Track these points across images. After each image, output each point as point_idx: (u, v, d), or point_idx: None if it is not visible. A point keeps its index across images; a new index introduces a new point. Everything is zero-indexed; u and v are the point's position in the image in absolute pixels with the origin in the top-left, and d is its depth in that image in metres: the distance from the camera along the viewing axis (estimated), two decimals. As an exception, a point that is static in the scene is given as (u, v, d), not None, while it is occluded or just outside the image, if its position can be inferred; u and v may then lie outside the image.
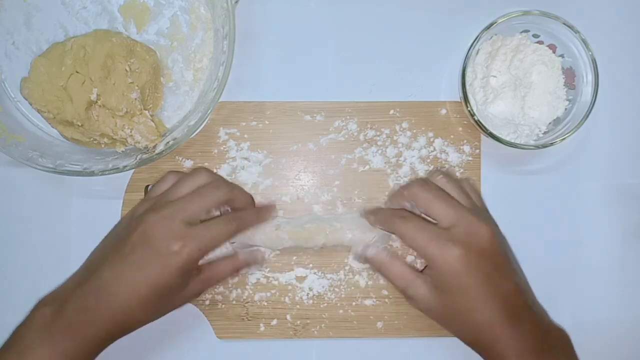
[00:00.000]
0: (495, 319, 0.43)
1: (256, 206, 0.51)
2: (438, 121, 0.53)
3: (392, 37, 0.53)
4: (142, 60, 0.49)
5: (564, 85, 0.50)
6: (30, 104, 0.49)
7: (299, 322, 0.52)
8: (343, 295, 0.52)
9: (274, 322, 0.52)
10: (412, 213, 0.47)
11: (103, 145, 0.50)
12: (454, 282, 0.43)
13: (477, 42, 0.48)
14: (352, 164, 0.53)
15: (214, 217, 0.47)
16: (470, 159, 0.53)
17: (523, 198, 0.53)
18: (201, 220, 0.46)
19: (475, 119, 0.48)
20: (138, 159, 0.48)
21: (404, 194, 0.48)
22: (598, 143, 0.54)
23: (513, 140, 0.49)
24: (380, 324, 0.52)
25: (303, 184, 0.53)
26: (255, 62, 0.53)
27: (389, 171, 0.52)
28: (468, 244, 0.43)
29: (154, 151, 0.49)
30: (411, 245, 0.45)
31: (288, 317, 0.52)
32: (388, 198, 0.51)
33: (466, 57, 0.49)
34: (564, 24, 0.48)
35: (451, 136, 0.53)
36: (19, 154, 0.47)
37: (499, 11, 0.49)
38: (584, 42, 0.48)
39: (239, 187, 0.51)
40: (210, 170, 0.50)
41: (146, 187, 0.52)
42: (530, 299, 0.47)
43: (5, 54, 0.51)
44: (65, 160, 0.49)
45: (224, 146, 0.52)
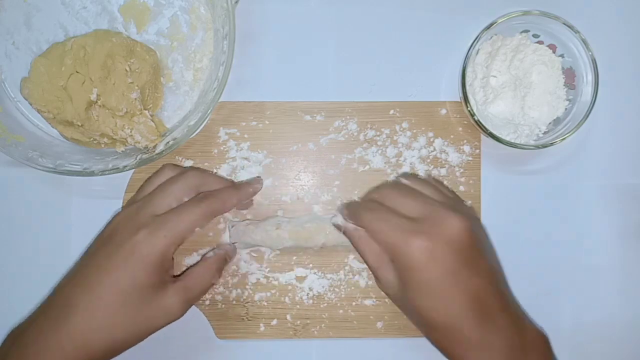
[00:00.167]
0: (456, 320, 0.40)
1: (232, 184, 0.49)
2: (438, 121, 0.53)
3: (392, 37, 0.53)
4: (142, 60, 0.49)
5: (564, 85, 0.50)
6: (30, 104, 0.48)
7: (299, 322, 0.52)
8: (343, 295, 0.52)
9: (274, 322, 0.52)
10: (382, 205, 0.44)
11: (103, 145, 0.50)
12: (414, 276, 0.40)
13: (477, 42, 0.48)
14: (352, 164, 0.53)
15: (183, 204, 0.44)
16: (470, 159, 0.53)
17: (523, 198, 0.53)
18: None
19: (475, 119, 0.48)
20: (138, 159, 0.48)
21: (375, 197, 0.45)
22: (598, 143, 0.54)
23: (513, 140, 0.49)
24: (380, 324, 0.52)
25: (303, 184, 0.53)
26: (255, 62, 0.53)
27: (389, 171, 0.52)
28: (433, 235, 0.40)
29: (154, 151, 0.49)
30: (376, 237, 0.42)
31: (288, 317, 0.52)
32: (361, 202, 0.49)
33: (466, 57, 0.49)
34: (564, 24, 0.48)
35: (451, 136, 0.53)
36: (19, 154, 0.47)
37: (499, 11, 0.49)
38: (584, 42, 0.48)
39: (209, 172, 0.49)
40: (175, 165, 0.48)
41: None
42: (505, 300, 0.42)
43: (5, 54, 0.51)
44: (65, 160, 0.48)
45: (224, 146, 0.52)
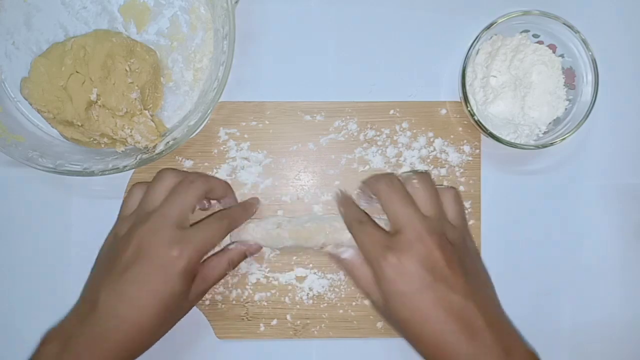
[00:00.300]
0: (439, 335, 0.41)
1: (239, 203, 0.51)
2: (438, 121, 0.53)
3: (392, 37, 0.53)
4: (142, 60, 0.49)
5: (564, 85, 0.50)
6: (30, 104, 0.48)
7: (299, 322, 0.52)
8: (343, 295, 0.52)
9: (274, 322, 0.52)
10: (369, 217, 0.46)
11: (103, 145, 0.50)
12: (390, 289, 0.42)
13: (477, 42, 0.48)
14: (352, 164, 0.53)
15: (204, 218, 0.47)
16: (470, 159, 0.53)
17: (523, 198, 0.53)
18: (190, 225, 0.45)
19: (475, 119, 0.48)
20: (138, 159, 0.48)
21: (370, 186, 0.47)
22: (598, 143, 0.54)
23: (513, 140, 0.49)
24: (380, 324, 0.52)
25: (303, 184, 0.53)
26: (255, 62, 0.53)
27: (389, 171, 0.52)
28: (405, 252, 0.42)
29: (154, 151, 0.49)
30: (361, 251, 0.44)
31: (288, 317, 0.52)
32: (360, 185, 0.50)
33: (466, 57, 0.49)
34: (564, 24, 0.48)
35: (451, 136, 0.53)
36: (19, 154, 0.47)
37: (499, 11, 0.49)
38: (584, 42, 0.48)
39: (212, 176, 0.50)
40: (175, 169, 0.48)
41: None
42: (490, 317, 0.42)
43: (5, 54, 0.51)
44: (65, 160, 0.48)
45: (224, 146, 0.52)
